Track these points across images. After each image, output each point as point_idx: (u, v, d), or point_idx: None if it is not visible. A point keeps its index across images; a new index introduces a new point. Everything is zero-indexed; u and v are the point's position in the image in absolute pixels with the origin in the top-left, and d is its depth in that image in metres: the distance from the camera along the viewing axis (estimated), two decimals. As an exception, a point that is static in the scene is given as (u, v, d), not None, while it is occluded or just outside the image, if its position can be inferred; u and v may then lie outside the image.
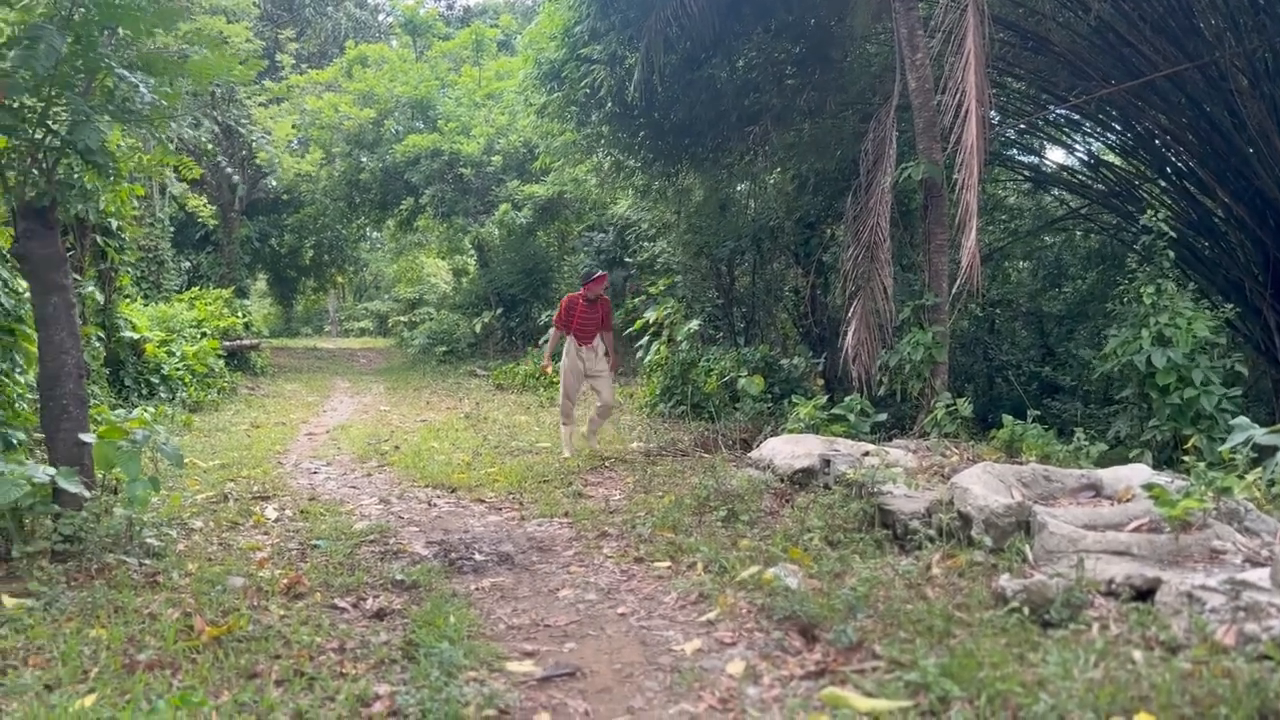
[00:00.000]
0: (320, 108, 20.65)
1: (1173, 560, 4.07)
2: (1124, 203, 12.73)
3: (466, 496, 7.26)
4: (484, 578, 5.05)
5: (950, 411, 7.85)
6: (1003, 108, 12.86)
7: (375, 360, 23.99)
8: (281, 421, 11.82)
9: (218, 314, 16.54)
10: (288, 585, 4.67)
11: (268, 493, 7.23)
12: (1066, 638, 3.53)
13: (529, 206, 18.90)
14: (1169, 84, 10.18)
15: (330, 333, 38.66)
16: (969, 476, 5.08)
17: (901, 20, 8.64)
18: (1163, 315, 7.06)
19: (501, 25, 25.30)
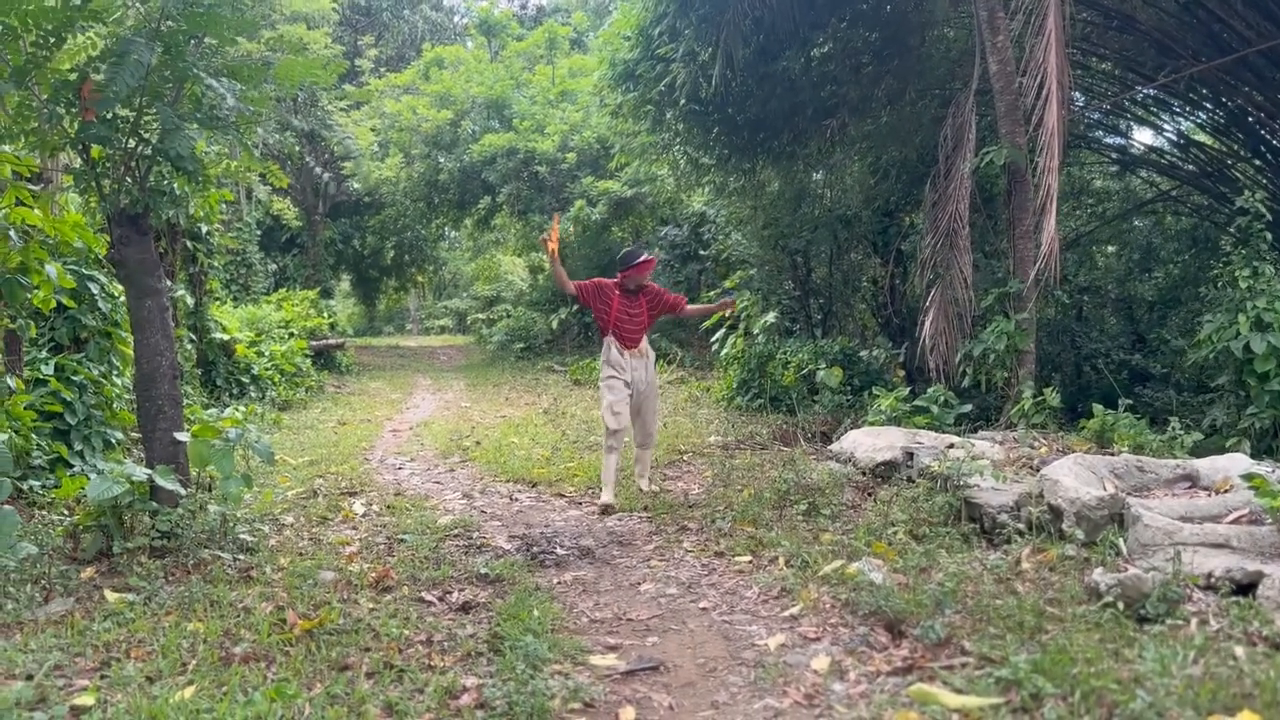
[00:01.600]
0: (399, 110, 21.01)
1: (1275, 553, 3.91)
2: (1216, 183, 12.28)
3: (547, 491, 7.33)
4: (566, 571, 5.09)
5: (1038, 402, 7.66)
6: (1087, 89, 12.50)
7: (455, 357, 24.34)
8: (366, 418, 12.07)
9: (304, 314, 16.96)
10: (376, 579, 4.76)
11: (355, 488, 7.39)
12: (1163, 633, 3.42)
13: (604, 203, 18.97)
14: (1263, 59, 9.79)
15: (412, 331, 39.37)
16: (1059, 468, 4.95)
17: (981, 3, 8.44)
18: (1260, 299, 6.80)
19: (574, 23, 25.43)
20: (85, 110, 4.98)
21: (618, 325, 6.75)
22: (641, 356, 6.83)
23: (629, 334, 6.78)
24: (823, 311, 14.53)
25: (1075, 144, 12.58)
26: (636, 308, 6.80)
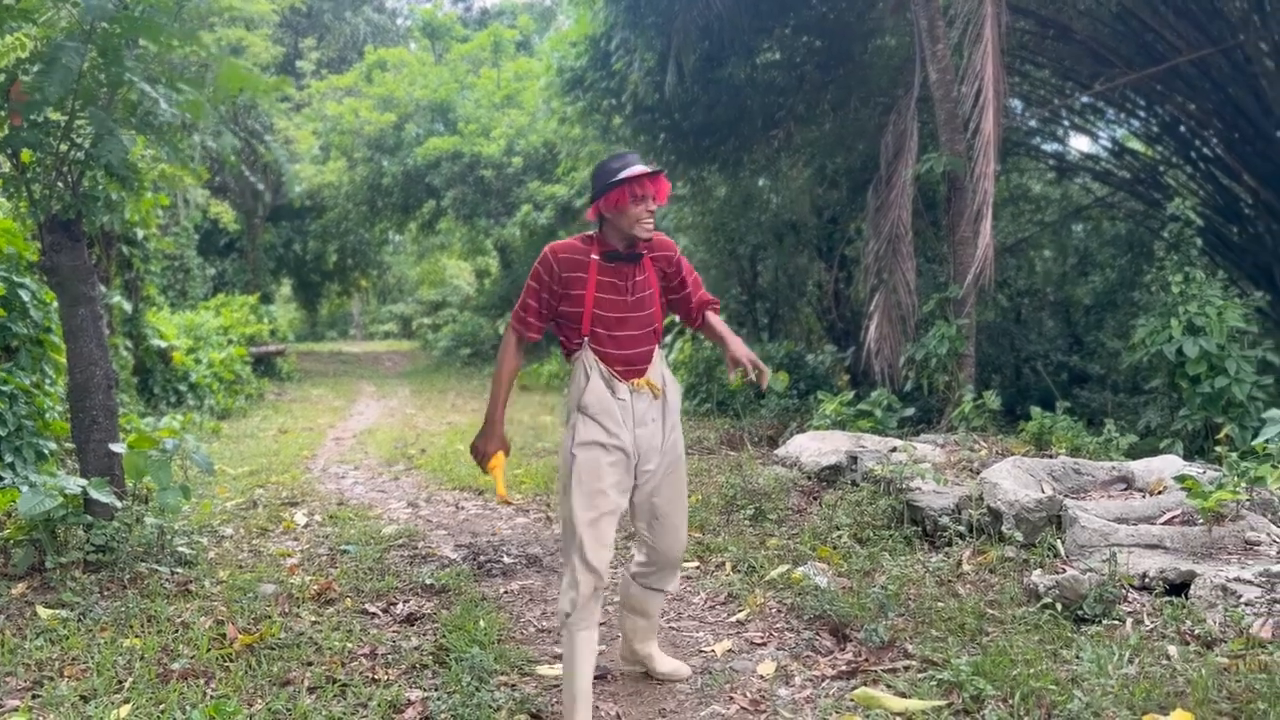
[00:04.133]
0: (341, 113, 20.77)
1: (1206, 553, 4.02)
2: (1149, 190, 12.62)
3: (494, 499, 7.28)
4: (513, 580, 5.06)
5: (977, 405, 7.79)
6: (1026, 96, 12.77)
7: (400, 363, 24.11)
8: (309, 426, 11.90)
9: (244, 320, 16.68)
10: (318, 591, 4.69)
11: (296, 498, 7.28)
12: (1100, 633, 3.50)
13: (550, 207, 18.93)
14: (1193, 69, 10.08)
15: (355, 336, 38.91)
16: (998, 471, 5.04)
17: (921, 11, 8.58)
18: (1191, 304, 6.98)
19: (520, 27, 25.34)
20: (14, 114, 4.85)
21: (600, 329, 3.27)
22: (651, 394, 3.31)
23: (625, 346, 3.28)
24: (769, 315, 14.64)
25: (1014, 151, 12.85)
26: (637, 289, 3.31)
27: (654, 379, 3.33)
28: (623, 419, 3.25)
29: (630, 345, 3.30)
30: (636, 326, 3.32)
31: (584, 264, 3.28)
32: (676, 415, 3.40)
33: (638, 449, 3.29)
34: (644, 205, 3.23)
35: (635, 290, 3.32)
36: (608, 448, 3.23)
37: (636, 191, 3.21)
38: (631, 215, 3.22)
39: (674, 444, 3.39)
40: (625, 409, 3.26)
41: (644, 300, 3.34)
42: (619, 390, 3.26)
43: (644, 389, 3.30)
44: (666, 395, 3.37)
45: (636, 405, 3.29)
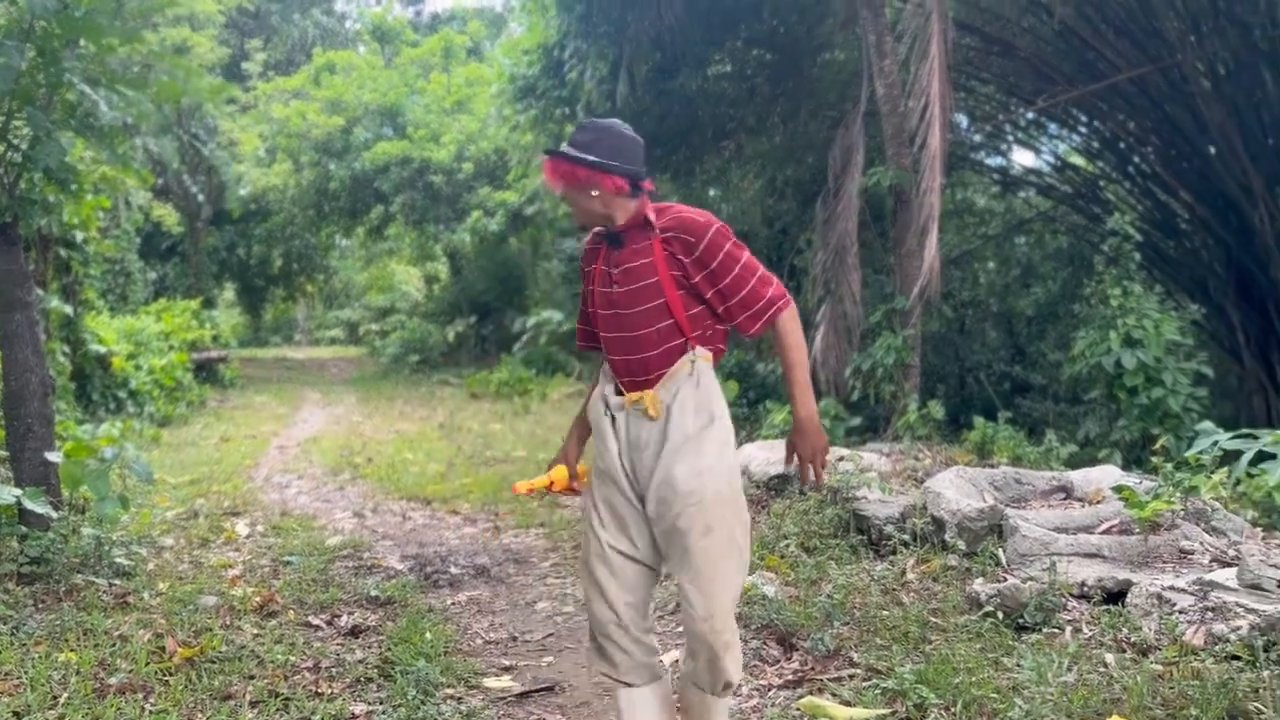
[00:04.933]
0: (288, 116, 20.52)
1: (1143, 561, 4.12)
2: (1090, 204, 12.90)
3: (441, 509, 7.22)
4: (460, 591, 5.03)
5: (922, 414, 7.90)
6: (971, 111, 12.99)
7: (346, 370, 23.83)
8: (252, 434, 11.72)
9: (185, 326, 16.37)
10: (261, 603, 4.62)
11: (239, 508, 7.16)
12: (1040, 641, 3.56)
13: (502, 214, 18.87)
14: (1132, 86, 10.33)
15: (300, 342, 38.37)
16: (942, 480, 5.12)
17: (870, 27, 8.70)
18: (1130, 317, 7.15)
19: (470, 32, 25.24)
20: (-53, 114, 4.73)
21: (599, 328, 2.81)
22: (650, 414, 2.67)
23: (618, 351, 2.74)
24: (719, 325, 14.71)
25: (959, 165, 13.06)
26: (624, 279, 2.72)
27: (662, 397, 2.64)
28: (615, 440, 2.71)
29: (624, 350, 2.70)
30: (630, 326, 2.67)
31: (597, 250, 2.81)
32: (690, 445, 2.61)
33: (637, 477, 2.69)
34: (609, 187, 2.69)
35: (622, 280, 2.69)
36: (600, 474, 2.75)
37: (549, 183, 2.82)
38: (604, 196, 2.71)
39: (667, 480, 2.60)
40: (616, 429, 2.71)
41: (635, 293, 2.66)
42: (614, 405, 2.72)
43: (632, 406, 2.67)
44: (671, 420, 2.63)
45: (631, 426, 2.68)
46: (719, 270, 2.64)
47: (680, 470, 2.59)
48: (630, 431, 2.68)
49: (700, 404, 2.65)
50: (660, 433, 2.65)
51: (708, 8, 10.97)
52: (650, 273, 2.65)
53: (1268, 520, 4.85)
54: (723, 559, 2.61)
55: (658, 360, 2.66)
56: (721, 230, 2.65)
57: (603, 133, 2.72)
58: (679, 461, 2.60)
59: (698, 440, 2.62)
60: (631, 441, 2.68)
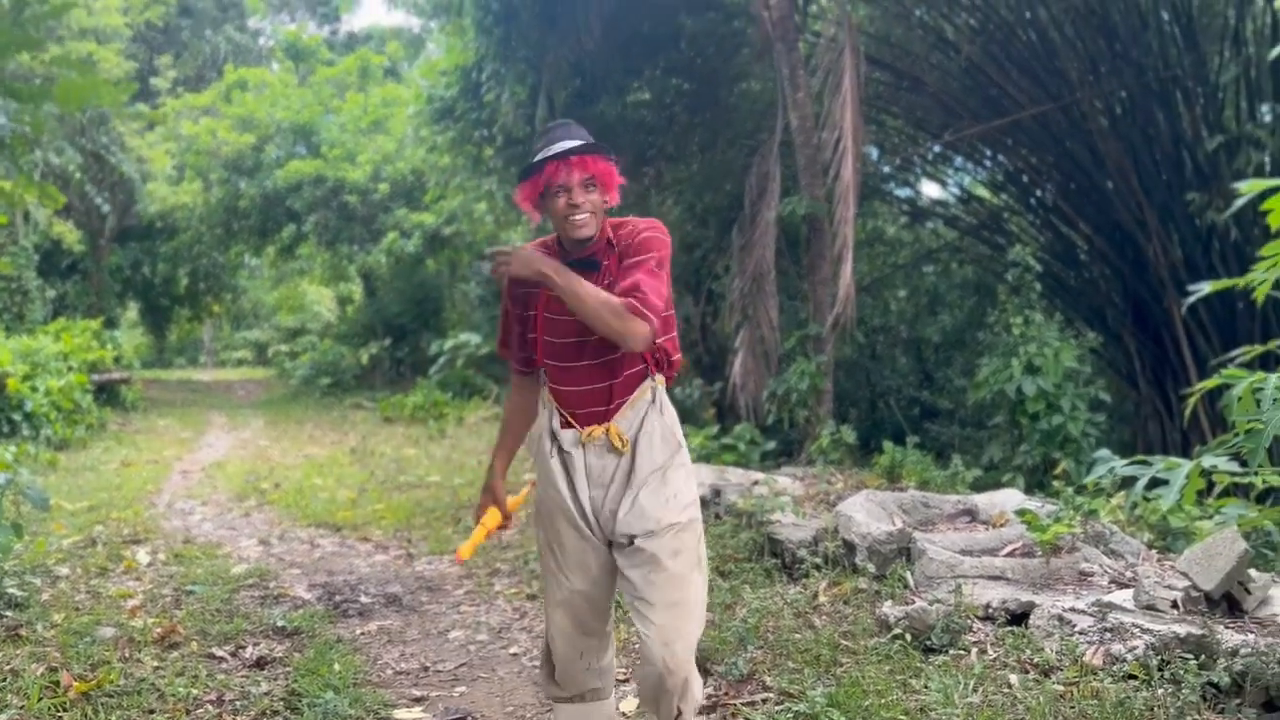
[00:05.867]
0: (197, 133, 20.05)
1: (1045, 583, 4.24)
2: (994, 235, 13.32)
3: (352, 535, 7.08)
4: (370, 621, 4.93)
5: (835, 439, 8.03)
6: (881, 144, 13.34)
7: (254, 392, 23.24)
8: (154, 459, 11.34)
9: (85, 346, 15.78)
10: (162, 634, 4.47)
11: (139, 536, 6.91)
12: (947, 663, 3.64)
13: (418, 235, 18.68)
14: (1035, 123, 10.72)
15: (206, 364, 37.31)
16: (852, 504, 5.21)
17: (783, 60, 8.88)
18: (1031, 345, 7.40)
19: (389, 53, 25.02)
20: None
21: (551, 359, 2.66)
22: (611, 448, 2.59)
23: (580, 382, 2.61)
24: (637, 349, 14.76)
25: (870, 195, 13.38)
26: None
27: (621, 427, 2.54)
28: (573, 476, 2.58)
29: (587, 380, 2.56)
30: (592, 354, 2.54)
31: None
32: (656, 475, 2.55)
33: (595, 516, 2.60)
34: (565, 197, 2.48)
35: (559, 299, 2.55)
36: (550, 514, 2.66)
37: (553, 180, 2.49)
38: (553, 211, 2.52)
39: (636, 512, 2.52)
40: (573, 464, 2.58)
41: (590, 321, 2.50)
42: (565, 440, 2.58)
43: (598, 440, 2.56)
44: (638, 451, 2.55)
45: (591, 461, 2.56)
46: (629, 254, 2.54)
47: (649, 500, 2.53)
48: (590, 467, 2.57)
49: (665, 432, 2.59)
50: (626, 466, 2.54)
51: (627, 37, 11.08)
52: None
53: (1163, 543, 5.05)
54: (688, 585, 2.56)
55: (621, 388, 2.56)
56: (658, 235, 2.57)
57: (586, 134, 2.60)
58: (647, 492, 2.54)
59: (664, 469, 2.56)
60: (593, 478, 2.57)
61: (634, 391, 2.57)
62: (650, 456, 2.56)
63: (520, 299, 2.67)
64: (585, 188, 2.50)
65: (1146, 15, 10.13)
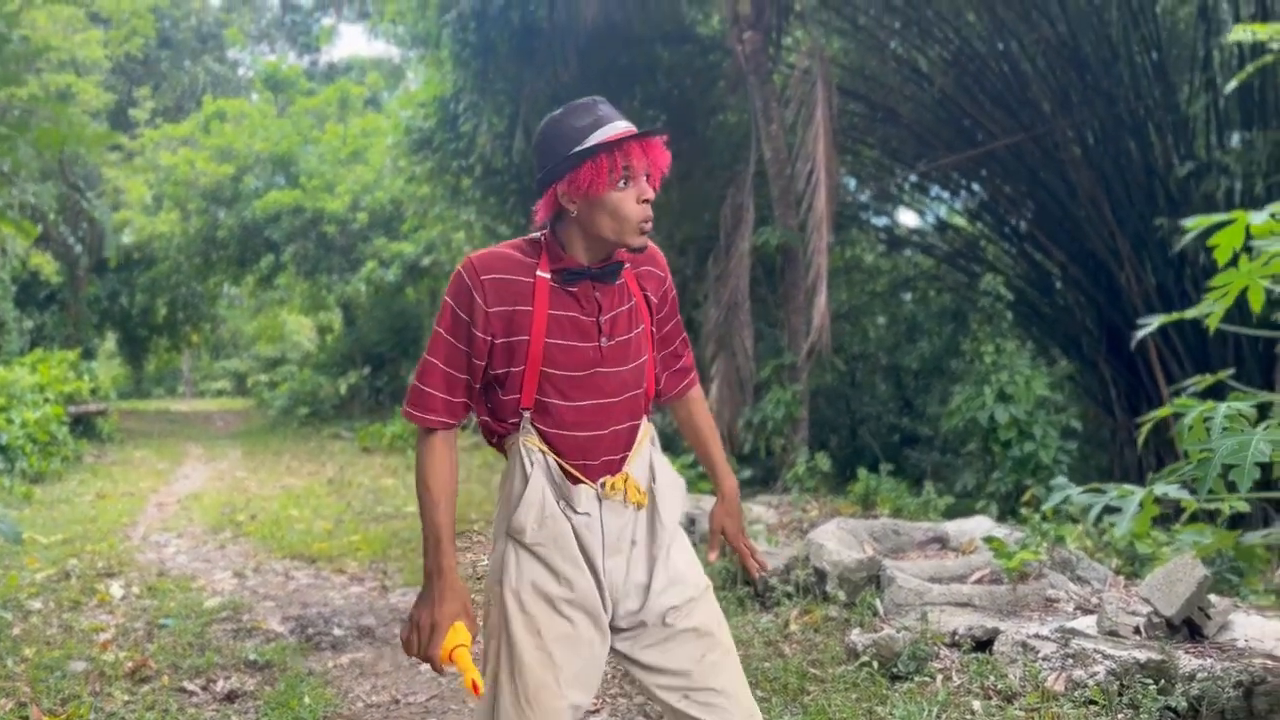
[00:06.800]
0: (175, 164, 20.06)
1: (1011, 610, 4.28)
2: (970, 263, 13.48)
3: (327, 567, 7.05)
4: (343, 654, 4.92)
5: (810, 467, 8.08)
6: (857, 174, 13.50)
7: (233, 423, 23.12)
8: (129, 491, 11.27)
9: (62, 377, 15.70)
10: (133, 668, 4.45)
11: (113, 569, 6.87)
12: (913, 690, 3.67)
13: (397, 264, 18.71)
14: (1008, 153, 10.89)
15: (184, 394, 37.09)
16: (824, 532, 5.25)
17: (757, 93, 9.00)
18: (1003, 373, 7.49)
19: (369, 83, 25.15)
20: None
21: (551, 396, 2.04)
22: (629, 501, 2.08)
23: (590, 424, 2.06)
24: (614, 377, 14.79)
25: (848, 224, 13.53)
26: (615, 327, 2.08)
27: (638, 475, 2.09)
28: (584, 549, 2.03)
29: (600, 421, 2.05)
30: (613, 390, 2.06)
31: (527, 289, 2.00)
32: (678, 529, 2.16)
33: (610, 593, 2.05)
34: (636, 188, 1.98)
35: (614, 329, 2.06)
36: (557, 605, 2.02)
37: (620, 164, 1.96)
38: (616, 206, 1.97)
39: (676, 576, 2.09)
40: (589, 530, 2.03)
41: (627, 346, 2.08)
42: (578, 499, 2.03)
43: (619, 494, 2.05)
44: (657, 501, 2.11)
45: (608, 521, 2.05)
46: (670, 312, 2.23)
47: (681, 560, 2.12)
48: (607, 528, 2.04)
49: (675, 479, 2.19)
50: (646, 522, 2.09)
51: (603, 69, 11.21)
52: (637, 319, 2.10)
53: (1130, 568, 5.11)
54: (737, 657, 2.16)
55: (630, 433, 2.10)
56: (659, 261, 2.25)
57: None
58: (676, 550, 2.12)
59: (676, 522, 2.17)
60: (609, 543, 2.04)
61: (638, 435, 2.13)
62: (672, 508, 2.13)
63: (501, 321, 1.99)
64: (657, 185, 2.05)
65: (1117, 47, 10.33)
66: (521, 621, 2.00)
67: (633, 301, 2.10)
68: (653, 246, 2.16)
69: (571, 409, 2.02)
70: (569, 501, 2.02)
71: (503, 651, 2.01)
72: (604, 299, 2.04)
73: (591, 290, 2.03)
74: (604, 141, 1.94)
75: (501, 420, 2.08)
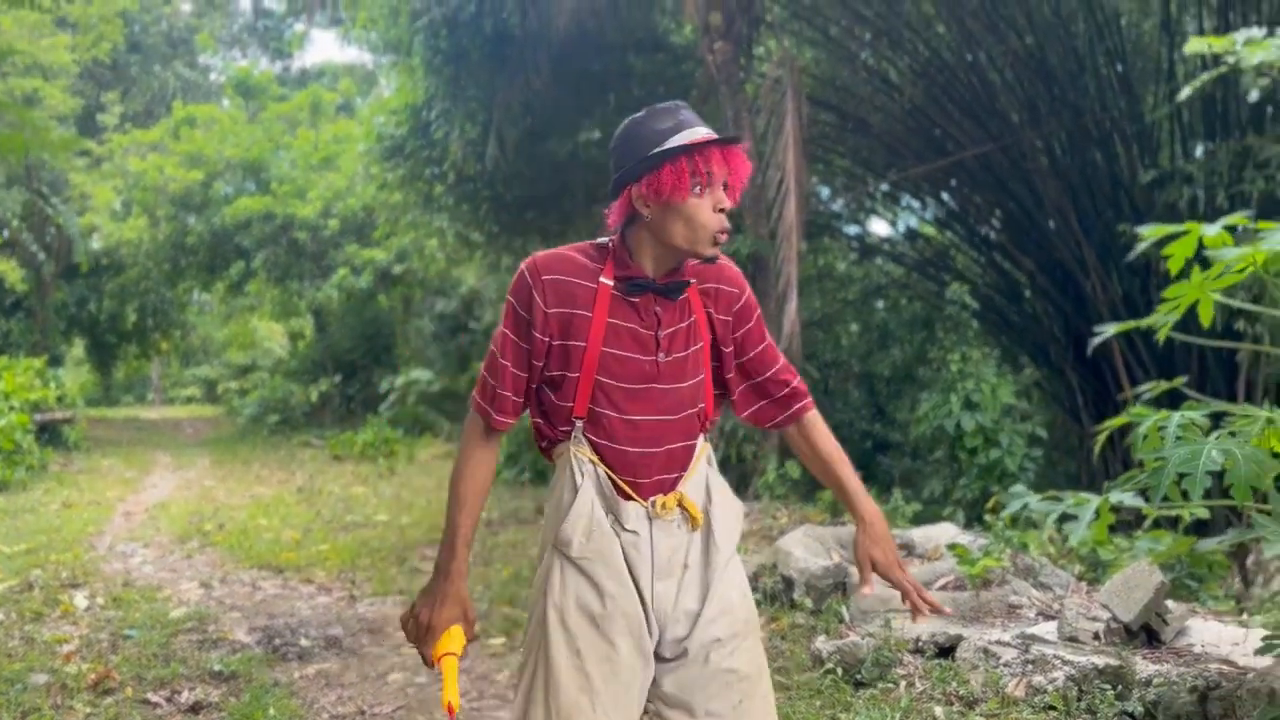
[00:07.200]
0: (144, 169, 19.89)
1: (974, 617, 4.33)
2: (940, 271, 13.59)
3: (295, 577, 7.01)
4: (309, 664, 4.89)
5: (780, 474, 8.13)
6: (829, 183, 13.60)
7: (202, 430, 22.92)
8: (96, 500, 11.15)
9: (28, 385, 15.51)
10: (96, 680, 4.41)
11: (78, 579, 6.80)
12: (876, 696, 3.70)
13: (369, 271, 18.65)
14: (976, 163, 11.00)
15: (154, 401, 36.72)
16: (791, 540, 5.28)
17: (728, 102, 9.06)
18: (969, 381, 7.57)
19: (341, 90, 25.05)
20: None
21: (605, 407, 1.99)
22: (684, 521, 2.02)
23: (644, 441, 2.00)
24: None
25: (820, 233, 13.62)
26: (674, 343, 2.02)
27: (692, 496, 2.01)
28: (631, 568, 1.96)
29: (654, 439, 1.99)
30: (668, 407, 2.00)
31: (589, 294, 1.98)
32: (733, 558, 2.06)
33: (657, 618, 1.97)
34: (712, 196, 1.93)
35: (671, 345, 2.01)
36: (600, 625, 1.94)
37: (702, 169, 1.91)
38: (692, 213, 1.91)
39: (728, 607, 2.00)
40: (636, 549, 1.97)
41: (684, 363, 2.02)
42: (627, 516, 1.97)
43: (671, 514, 1.99)
44: (712, 523, 2.03)
45: (658, 541, 1.98)
46: (752, 337, 2.11)
47: (735, 593, 2.00)
48: (658, 550, 1.97)
49: (733, 501, 2.09)
50: (700, 546, 2.00)
51: (577, 76, 11.23)
52: (696, 337, 2.03)
53: (1092, 574, 5.17)
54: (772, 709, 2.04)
55: (685, 452, 2.02)
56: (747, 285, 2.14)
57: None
58: (732, 580, 2.01)
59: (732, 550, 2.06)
60: (659, 565, 1.96)
61: (694, 454, 2.04)
62: (728, 531, 2.03)
63: (559, 323, 1.96)
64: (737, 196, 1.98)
65: (1083, 58, 10.47)
66: (562, 638, 1.92)
67: (693, 318, 2.03)
68: (725, 262, 2.07)
69: (625, 423, 1.97)
70: (618, 517, 1.96)
71: (540, 667, 1.93)
72: (664, 313, 1.99)
73: (653, 303, 1.99)
74: (685, 144, 1.90)
75: (554, 425, 2.03)
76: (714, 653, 1.94)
